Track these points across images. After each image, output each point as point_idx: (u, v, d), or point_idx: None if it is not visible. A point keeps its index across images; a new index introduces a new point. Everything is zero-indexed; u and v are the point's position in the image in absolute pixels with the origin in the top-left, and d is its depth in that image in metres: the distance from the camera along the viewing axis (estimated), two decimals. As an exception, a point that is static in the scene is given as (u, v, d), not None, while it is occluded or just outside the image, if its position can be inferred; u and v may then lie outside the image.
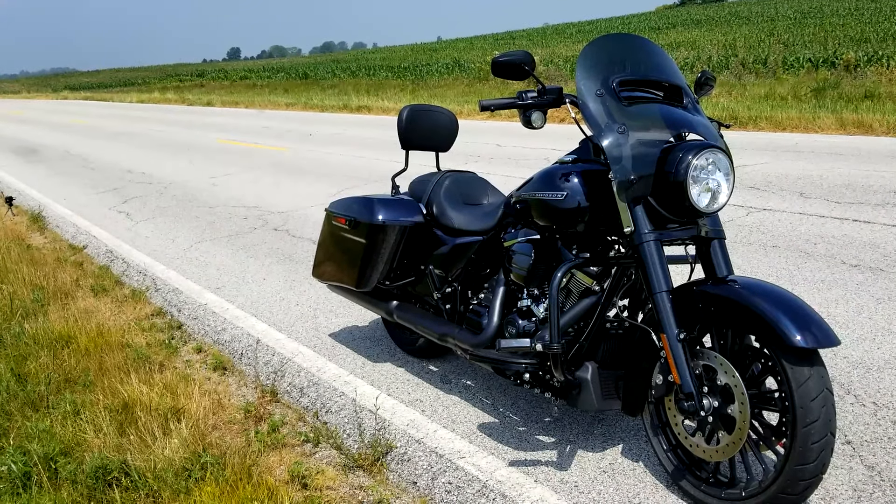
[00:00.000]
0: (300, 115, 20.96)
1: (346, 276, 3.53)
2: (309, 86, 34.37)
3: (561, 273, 2.51)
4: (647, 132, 2.42)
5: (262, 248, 6.19)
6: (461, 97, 20.84)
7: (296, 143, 13.75)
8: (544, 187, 2.69)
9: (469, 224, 3.17)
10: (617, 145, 2.40)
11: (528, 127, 2.59)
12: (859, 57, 18.25)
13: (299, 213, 7.46)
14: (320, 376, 3.62)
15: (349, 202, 3.54)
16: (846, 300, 3.97)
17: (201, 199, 8.59)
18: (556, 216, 2.64)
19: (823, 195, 6.35)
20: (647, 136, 2.42)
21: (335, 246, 3.60)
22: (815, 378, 2.11)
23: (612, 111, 2.45)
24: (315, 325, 4.37)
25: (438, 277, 3.30)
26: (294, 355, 3.90)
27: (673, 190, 2.37)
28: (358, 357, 3.86)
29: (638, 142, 2.40)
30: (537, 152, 10.15)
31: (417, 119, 3.57)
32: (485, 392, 3.35)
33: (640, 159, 2.39)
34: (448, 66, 33.82)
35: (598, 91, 2.48)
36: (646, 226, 2.39)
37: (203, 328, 4.55)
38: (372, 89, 28.04)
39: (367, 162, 10.56)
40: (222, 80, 47.85)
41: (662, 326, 2.34)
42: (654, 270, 2.37)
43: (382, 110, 20.01)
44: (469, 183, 3.45)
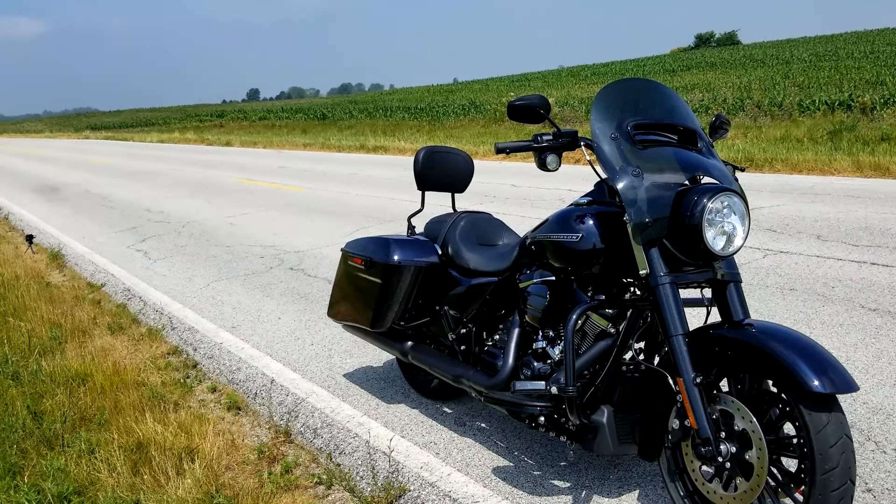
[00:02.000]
0: (317, 156, 21.17)
1: (361, 315, 3.54)
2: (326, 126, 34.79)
3: (576, 315, 2.50)
4: (661, 175, 2.43)
5: (278, 288, 6.21)
6: (477, 138, 21.01)
7: (313, 182, 13.88)
8: (560, 229, 2.69)
9: (484, 265, 3.18)
10: (632, 188, 2.41)
11: (543, 169, 2.60)
12: (875, 99, 18.27)
13: (315, 252, 7.50)
14: (334, 417, 3.60)
15: (365, 242, 3.57)
16: (865, 345, 3.93)
17: (218, 239, 8.66)
18: (571, 258, 2.65)
19: (841, 238, 6.32)
20: (661, 178, 2.43)
21: (351, 286, 3.61)
22: (834, 424, 2.08)
23: (627, 154, 2.46)
24: (329, 365, 4.36)
25: (453, 318, 3.30)
26: (308, 395, 3.89)
27: (688, 233, 2.37)
28: (372, 398, 3.84)
29: (653, 185, 2.41)
30: (552, 193, 10.18)
31: (434, 160, 3.60)
32: (500, 435, 3.32)
33: (655, 202, 2.39)
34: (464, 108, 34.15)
35: (613, 134, 2.50)
36: (661, 268, 2.39)
37: (218, 367, 4.56)
38: (389, 130, 28.34)
39: (383, 202, 10.63)
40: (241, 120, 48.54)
41: (679, 370, 2.32)
42: (669, 313, 2.36)
43: (399, 150, 20.18)
44: (484, 224, 3.46)
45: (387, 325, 3.45)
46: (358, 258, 3.51)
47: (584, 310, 2.53)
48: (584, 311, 2.54)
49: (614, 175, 2.45)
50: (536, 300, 2.81)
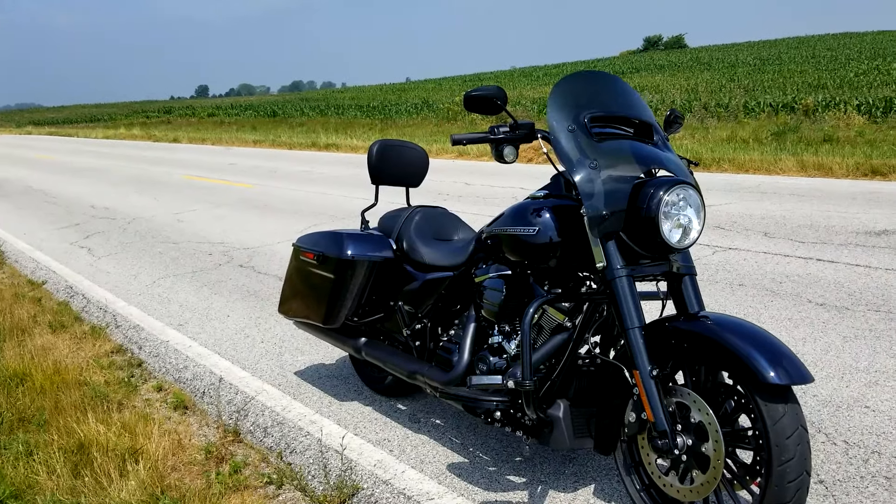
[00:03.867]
0: (268, 153, 20.90)
1: (313, 312, 3.46)
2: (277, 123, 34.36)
3: (532, 309, 2.47)
4: (618, 168, 2.42)
5: (227, 285, 6.08)
6: (430, 136, 20.96)
7: (263, 179, 13.68)
8: (516, 222, 2.66)
9: (439, 259, 3.13)
10: (589, 181, 2.39)
11: (501, 161, 2.57)
12: (818, 102, 18.74)
13: (265, 249, 7.37)
14: (285, 415, 3.52)
15: (317, 237, 3.49)
16: (814, 338, 3.98)
17: (165, 235, 8.46)
18: (527, 251, 2.62)
19: (787, 235, 6.43)
20: (618, 171, 2.41)
21: (302, 281, 3.53)
22: (790, 415, 2.09)
23: (584, 147, 2.44)
24: (280, 362, 4.27)
25: (408, 314, 3.25)
26: (258, 394, 3.80)
27: (644, 225, 2.36)
28: (324, 395, 3.77)
29: (609, 177, 2.39)
30: (505, 191, 10.19)
31: (388, 154, 3.55)
32: (454, 431, 3.28)
33: (612, 195, 2.38)
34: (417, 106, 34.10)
35: (570, 127, 2.47)
36: (618, 261, 2.37)
37: (164, 366, 4.43)
38: (341, 128, 28.11)
39: (336, 199, 10.52)
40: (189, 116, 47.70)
41: (635, 363, 2.31)
42: (626, 306, 2.34)
43: (351, 148, 20.03)
44: (439, 218, 3.42)
45: (340, 321, 3.38)
46: (310, 253, 3.43)
47: (540, 303, 2.50)
48: (540, 305, 2.51)
49: (571, 168, 2.42)
50: (492, 294, 2.78)
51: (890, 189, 8.62)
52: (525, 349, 2.45)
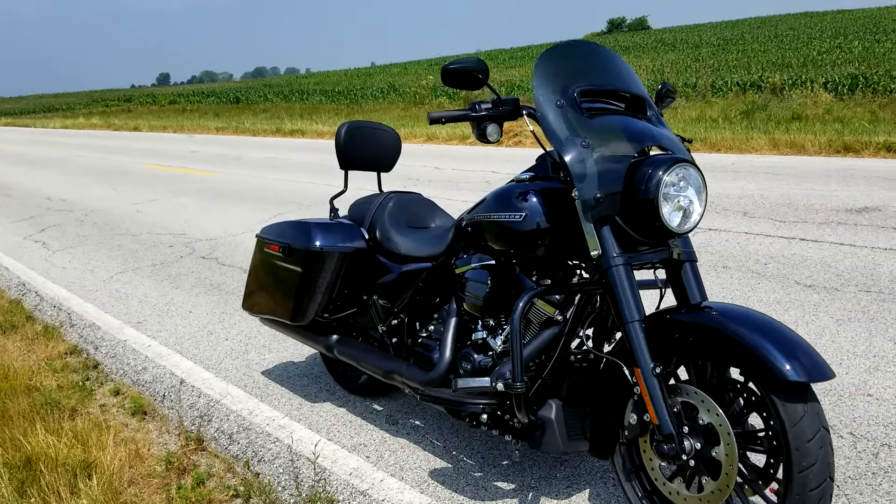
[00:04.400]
0: (232, 140, 20.43)
1: (279, 308, 3.21)
2: (240, 110, 33.72)
3: (522, 303, 2.25)
4: (611, 146, 2.20)
5: (189, 279, 5.79)
6: (398, 121, 20.64)
7: (226, 167, 13.29)
8: (500, 208, 2.44)
9: (416, 249, 2.90)
10: (580, 161, 2.17)
11: (483, 140, 2.34)
12: (784, 80, 18.74)
13: (229, 240, 7.07)
14: (252, 420, 3.27)
15: (283, 227, 3.24)
16: (806, 322, 3.82)
17: (124, 227, 8.11)
18: (513, 239, 2.40)
19: (767, 214, 6.29)
20: (612, 150, 2.20)
21: (267, 275, 3.28)
22: (811, 416, 1.89)
23: (574, 124, 2.22)
24: (246, 361, 4.02)
25: (383, 308, 3.02)
26: (222, 397, 3.55)
27: (642, 209, 2.14)
28: (294, 397, 3.53)
29: (602, 157, 2.18)
30: (477, 175, 9.96)
31: (357, 137, 3.30)
32: (436, 433, 3.06)
33: (606, 176, 2.16)
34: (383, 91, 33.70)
35: (559, 102, 2.25)
36: (614, 249, 2.16)
37: (122, 367, 4.15)
38: (306, 113, 27.63)
39: (303, 187, 10.21)
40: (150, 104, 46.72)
41: (636, 360, 2.10)
42: (624, 298, 2.13)
43: (317, 134, 19.65)
44: (414, 205, 3.18)
45: (309, 317, 3.14)
46: (275, 245, 3.18)
47: (530, 297, 2.28)
48: (531, 298, 2.29)
49: (560, 146, 2.20)
50: (476, 287, 2.55)
51: (864, 165, 8.53)
52: (515, 347, 2.23)
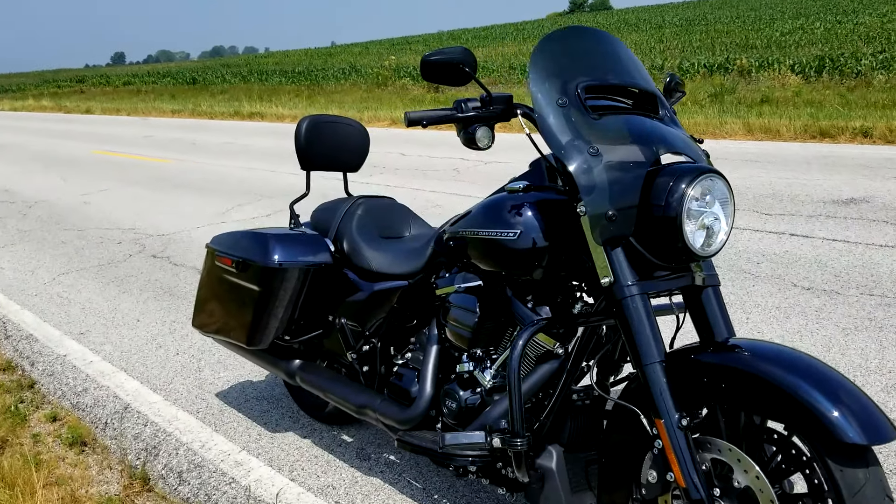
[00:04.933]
0: (188, 123, 19.74)
1: (234, 330, 2.83)
2: (197, 91, 32.77)
3: (522, 341, 1.90)
4: (623, 153, 1.86)
5: (138, 281, 5.34)
6: (360, 103, 20.14)
7: (182, 153, 12.72)
8: (490, 223, 2.08)
9: (390, 266, 2.53)
10: (587, 170, 1.83)
11: (471, 146, 1.98)
12: (752, 62, 18.60)
13: (183, 235, 6.62)
14: (204, 455, 2.90)
15: (236, 238, 2.84)
16: (811, 332, 3.54)
17: (70, 221, 7.59)
18: (506, 260, 2.05)
19: (751, 206, 6.02)
20: (624, 157, 1.85)
21: (219, 292, 2.89)
22: (873, 484, 1.58)
23: (579, 126, 1.87)
24: (199, 381, 3.62)
25: (352, 332, 2.64)
26: (171, 425, 3.16)
27: (660, 228, 1.81)
28: (252, 426, 3.15)
29: (614, 166, 1.83)
30: (445, 161, 9.58)
31: (320, 133, 2.91)
32: (413, 472, 2.71)
33: (619, 189, 1.82)
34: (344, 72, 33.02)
35: (560, 100, 1.89)
36: (629, 275, 1.82)
37: (60, 388, 3.73)
38: (265, 95, 26.90)
39: (263, 175, 9.74)
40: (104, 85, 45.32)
41: (657, 409, 1.77)
42: (642, 334, 1.80)
43: (277, 117, 19.06)
44: (386, 212, 2.81)
45: (267, 341, 2.76)
46: (227, 258, 2.78)
47: (532, 333, 1.93)
48: (532, 335, 1.94)
49: (563, 153, 1.85)
50: (461, 314, 2.19)
51: (842, 152, 8.33)
52: (514, 396, 1.88)
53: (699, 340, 1.91)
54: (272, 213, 7.24)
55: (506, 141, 12.14)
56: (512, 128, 13.66)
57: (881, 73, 15.42)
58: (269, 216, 7.14)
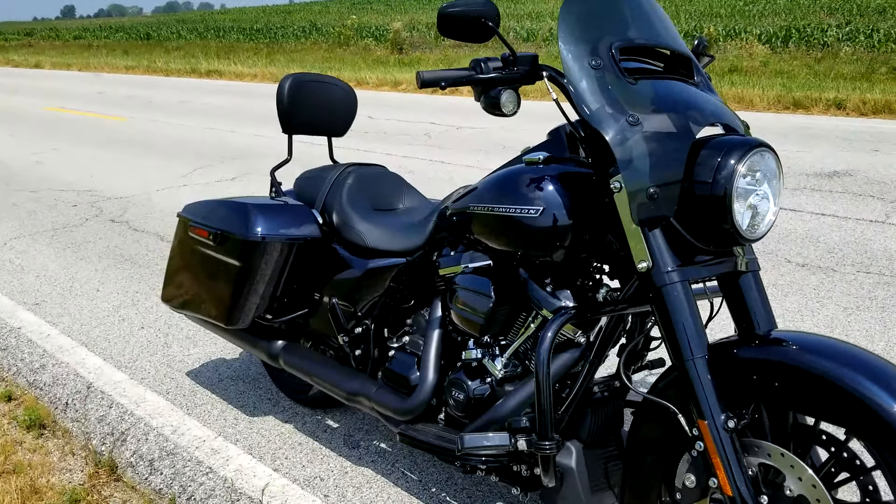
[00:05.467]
0: (143, 80, 19.02)
1: (211, 308, 2.59)
2: (151, 47, 31.67)
3: (552, 333, 1.70)
4: (665, 122, 1.67)
5: (97, 247, 5.03)
6: (323, 63, 19.60)
7: (138, 111, 12.21)
8: (507, 199, 1.88)
9: (387, 241, 2.31)
10: (625, 141, 1.63)
11: (494, 111, 1.76)
12: (719, 31, 18.51)
13: (142, 198, 6.28)
14: (177, 441, 2.67)
15: (213, 207, 2.59)
16: (812, 311, 3.42)
17: (21, 182, 7.18)
18: (526, 239, 1.85)
19: (733, 178, 5.89)
20: (666, 127, 1.66)
21: (194, 267, 2.64)
22: (948, 496, 1.43)
23: (616, 91, 1.67)
24: (167, 358, 3.37)
25: (343, 312, 2.42)
26: (139, 407, 2.92)
27: (706, 207, 1.62)
28: (228, 408, 2.92)
29: (656, 136, 1.64)
30: (415, 126, 9.30)
31: (304, 93, 2.67)
32: (407, 461, 2.52)
33: (662, 162, 1.63)
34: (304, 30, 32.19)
35: (594, 62, 1.68)
36: (670, 260, 1.64)
37: (16, 364, 3.46)
38: (222, 52, 26.08)
39: (222, 135, 9.36)
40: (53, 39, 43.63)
41: (699, 408, 1.60)
42: (685, 326, 1.62)
43: (236, 75, 18.46)
44: (378, 181, 2.58)
45: (248, 320, 2.53)
46: (203, 230, 2.53)
47: (563, 323, 1.73)
48: (563, 325, 1.74)
49: (598, 121, 1.65)
50: (473, 299, 1.98)
51: (818, 124, 8.25)
52: (544, 395, 1.69)
53: (738, 332, 1.74)
54: (237, 177, 6.93)
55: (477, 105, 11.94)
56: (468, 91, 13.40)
57: (847, 45, 15.45)
58: (233, 179, 6.83)
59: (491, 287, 1.94)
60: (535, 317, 1.94)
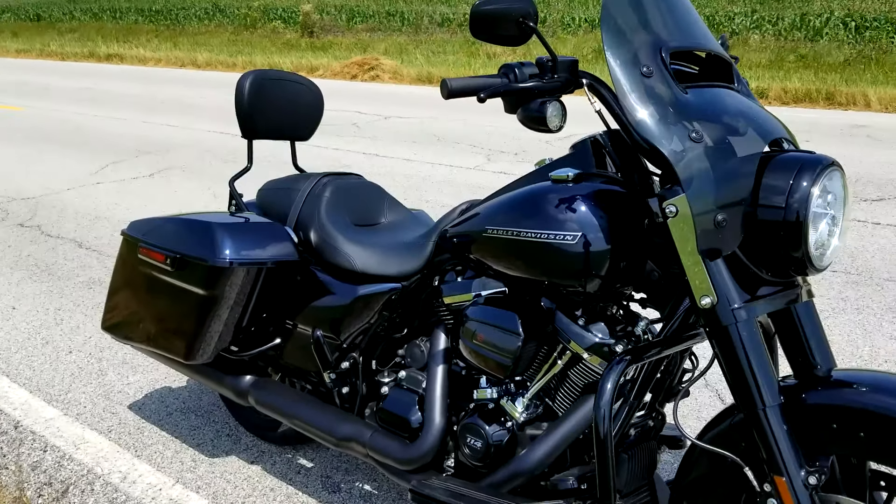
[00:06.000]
0: (36, 65, 17.83)
1: (167, 341, 2.26)
2: (43, 29, 29.76)
3: (612, 383, 1.48)
4: (728, 137, 1.48)
5: (6, 257, 4.52)
6: (230, 46, 18.79)
7: (34, 99, 11.34)
8: (534, 221, 1.65)
9: (379, 265, 2.05)
10: (688, 159, 1.43)
11: (535, 126, 1.52)
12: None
13: (53, 199, 5.74)
14: (128, 491, 2.35)
15: (168, 226, 2.25)
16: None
17: None
18: (559, 267, 1.63)
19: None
20: (730, 144, 1.47)
21: (145, 294, 2.30)
22: None
23: (671, 102, 1.47)
24: (104, 388, 3.00)
25: (328, 344, 2.14)
26: (78, 450, 2.57)
27: (773, 233, 1.44)
28: (183, 448, 2.60)
29: (720, 153, 1.45)
30: (341, 115, 8.93)
31: (266, 93, 2.36)
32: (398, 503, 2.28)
33: (730, 185, 1.44)
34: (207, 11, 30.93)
35: (645, 69, 1.47)
36: (737, 296, 1.45)
37: (-79, 400, 3.01)
38: (121, 35, 24.73)
39: (135, 126, 8.76)
40: (-71, 19, 40.63)
41: (774, 463, 1.42)
42: (756, 370, 1.43)
43: (139, 60, 17.51)
44: (357, 193, 2.31)
45: (211, 354, 2.22)
46: (158, 253, 2.19)
47: (624, 368, 1.51)
48: (624, 371, 1.52)
49: (655, 135, 1.44)
50: (498, 337, 1.73)
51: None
52: (609, 457, 1.46)
53: (794, 370, 1.56)
54: (155, 173, 6.45)
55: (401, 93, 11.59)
56: (389, 77, 13.04)
57: (755, 34, 15.85)
58: (151, 176, 6.35)
59: (518, 322, 1.70)
60: (563, 352, 1.73)
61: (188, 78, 13.93)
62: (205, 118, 8.73)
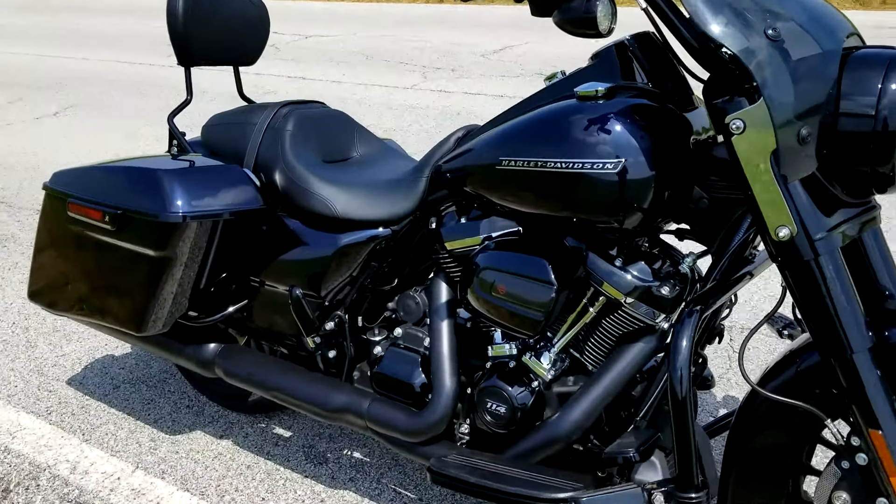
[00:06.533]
0: None
1: (113, 311, 1.92)
2: None
3: (688, 338, 1.24)
4: (805, 37, 1.24)
5: None
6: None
7: None
8: (563, 149, 1.39)
9: (364, 208, 1.75)
10: (766, 62, 1.19)
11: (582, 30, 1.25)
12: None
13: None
14: (82, 483, 2.04)
15: (103, 177, 1.88)
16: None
17: None
18: (596, 201, 1.39)
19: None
20: (808, 43, 1.23)
21: (79, 258, 1.94)
22: None
23: None
24: (36, 362, 2.64)
25: (309, 303, 1.84)
26: (15, 438, 2.24)
27: (862, 146, 1.22)
28: (138, 427, 2.29)
29: (802, 56, 1.21)
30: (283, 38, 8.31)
31: (205, 12, 1.98)
32: (396, 474, 2.04)
33: (813, 91, 1.21)
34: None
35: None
36: (821, 223, 1.23)
37: None
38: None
39: (26, 59, 7.97)
40: None
41: (870, 415, 1.23)
42: (842, 309, 1.23)
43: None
44: (323, 124, 1.98)
45: (167, 323, 1.90)
46: (93, 210, 1.83)
47: (699, 320, 1.27)
48: (702, 318, 1.28)
49: (726, 33, 1.18)
50: (525, 287, 1.46)
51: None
52: (690, 427, 1.24)
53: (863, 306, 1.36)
54: (60, 111, 5.86)
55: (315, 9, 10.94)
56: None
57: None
58: (56, 115, 5.76)
59: (549, 269, 1.44)
60: (594, 298, 1.49)
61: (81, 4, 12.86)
62: (104, 47, 8.03)
